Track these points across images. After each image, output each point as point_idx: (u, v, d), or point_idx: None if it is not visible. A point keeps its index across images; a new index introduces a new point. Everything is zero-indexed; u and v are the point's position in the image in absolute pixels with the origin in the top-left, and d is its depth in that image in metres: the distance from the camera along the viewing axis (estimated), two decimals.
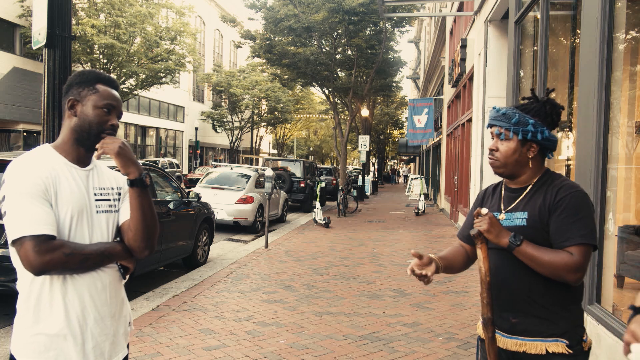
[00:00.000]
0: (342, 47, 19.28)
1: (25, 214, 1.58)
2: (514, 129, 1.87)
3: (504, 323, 1.91)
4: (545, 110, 1.89)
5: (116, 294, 1.81)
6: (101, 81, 1.80)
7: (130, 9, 21.67)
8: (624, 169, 3.84)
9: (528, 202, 1.90)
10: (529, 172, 1.93)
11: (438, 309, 5.42)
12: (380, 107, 38.98)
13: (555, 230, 1.81)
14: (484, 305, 1.84)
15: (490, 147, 1.96)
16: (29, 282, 1.66)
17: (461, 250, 2.14)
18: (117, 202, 1.84)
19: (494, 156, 1.94)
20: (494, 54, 8.63)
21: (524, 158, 1.90)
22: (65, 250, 1.61)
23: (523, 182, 1.95)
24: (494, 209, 1.99)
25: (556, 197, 1.83)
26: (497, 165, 1.94)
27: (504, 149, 1.91)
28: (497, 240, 1.82)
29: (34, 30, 3.46)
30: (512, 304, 1.89)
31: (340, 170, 19.05)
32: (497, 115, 1.93)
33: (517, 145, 1.89)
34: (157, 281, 6.58)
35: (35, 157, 1.70)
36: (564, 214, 1.80)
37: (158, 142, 35.41)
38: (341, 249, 9.15)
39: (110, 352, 1.78)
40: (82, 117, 1.75)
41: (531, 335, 1.86)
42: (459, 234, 2.21)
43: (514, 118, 1.88)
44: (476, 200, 2.20)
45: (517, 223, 1.88)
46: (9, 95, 19.60)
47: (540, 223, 1.84)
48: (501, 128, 1.91)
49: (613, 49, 3.58)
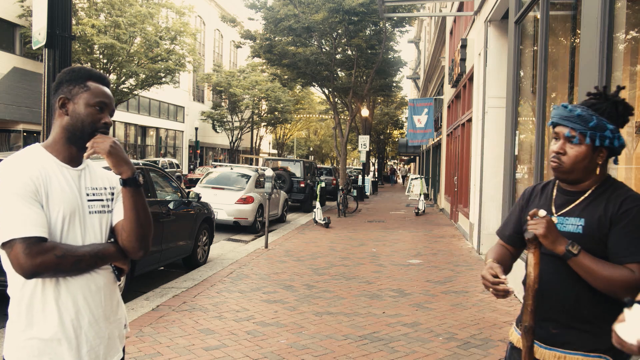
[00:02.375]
0: (342, 47, 19.28)
1: (15, 215, 1.53)
2: (590, 133, 1.70)
3: (542, 332, 1.80)
4: (618, 111, 1.73)
5: (111, 296, 1.77)
6: (92, 78, 1.75)
7: (130, 9, 21.67)
8: (624, 169, 3.84)
9: (585, 209, 1.76)
10: (594, 178, 1.78)
11: (438, 309, 5.42)
12: (380, 107, 38.99)
13: (616, 243, 1.68)
14: (527, 313, 1.72)
15: (555, 150, 1.78)
16: (20, 286, 1.62)
17: (505, 252, 1.99)
18: (110, 203, 1.80)
19: (560, 160, 1.77)
20: (494, 54, 8.63)
21: (594, 164, 1.75)
22: (57, 252, 1.57)
23: (583, 187, 1.80)
24: (543, 210, 1.83)
25: (620, 209, 1.69)
26: (562, 169, 1.78)
27: (574, 154, 1.74)
28: (553, 247, 1.70)
29: (34, 30, 3.47)
30: (555, 313, 1.78)
31: (340, 170, 19.05)
32: (570, 115, 1.74)
33: (589, 151, 1.73)
34: (157, 281, 6.58)
35: (25, 157, 1.66)
36: (627, 228, 1.67)
37: (158, 142, 35.42)
38: (341, 249, 9.15)
39: (105, 355, 1.74)
40: (74, 116, 1.70)
41: (572, 348, 1.75)
42: (499, 232, 2.05)
43: (592, 122, 1.70)
44: (522, 197, 2.01)
45: (571, 229, 1.76)
46: (9, 95, 19.61)
47: (599, 233, 1.71)
48: (574, 130, 1.73)
49: (613, 49, 3.58)
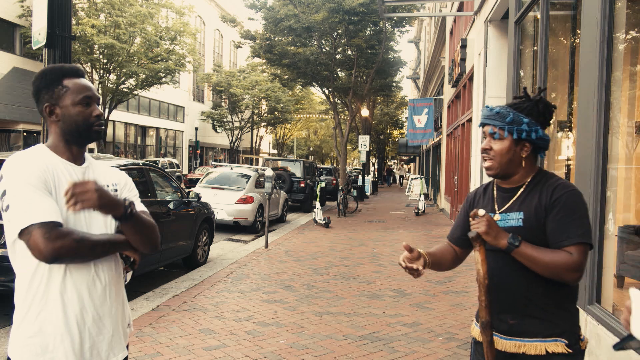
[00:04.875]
0: (342, 47, 19.27)
1: (30, 204, 1.56)
2: (508, 128, 1.85)
3: (502, 325, 1.89)
4: (538, 109, 1.88)
5: (116, 293, 1.79)
6: (66, 75, 1.74)
7: (130, 9, 21.67)
8: (624, 169, 3.84)
9: (523, 202, 1.88)
10: (522, 172, 1.91)
11: (438, 309, 5.42)
12: (380, 107, 38.98)
13: (553, 230, 1.80)
14: (482, 309, 1.82)
15: (483, 147, 1.94)
16: (28, 281, 1.64)
17: (450, 250, 2.12)
18: None
19: (488, 155, 1.92)
20: (494, 54, 8.63)
21: (518, 157, 1.88)
22: (74, 236, 1.59)
23: (516, 182, 1.93)
24: (487, 210, 1.96)
25: (552, 197, 1.82)
26: (490, 165, 1.92)
27: (498, 148, 1.88)
28: (496, 242, 1.80)
29: (34, 30, 3.47)
30: (510, 305, 1.88)
31: (340, 170, 19.04)
32: (491, 114, 1.90)
33: (511, 145, 1.87)
34: (157, 281, 6.58)
35: (33, 153, 1.70)
36: (561, 214, 1.79)
37: (158, 142, 35.42)
38: (341, 249, 9.15)
39: (108, 352, 1.75)
40: (65, 120, 1.71)
41: (530, 336, 1.84)
42: (449, 236, 2.18)
43: (509, 117, 1.86)
44: (466, 201, 2.16)
45: (513, 224, 1.87)
46: (9, 95, 19.61)
47: (537, 223, 1.82)
48: (495, 127, 1.88)
49: (613, 49, 3.58)
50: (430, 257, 1.96)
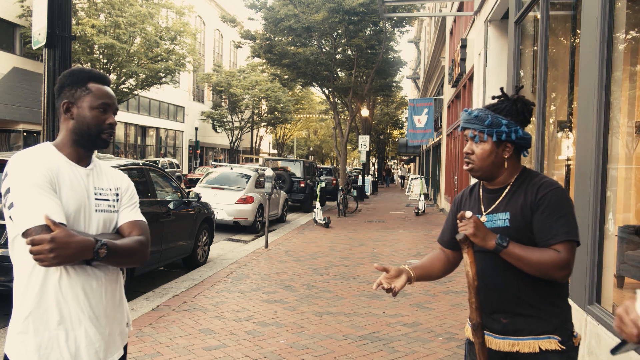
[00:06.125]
0: (342, 47, 19.28)
1: (35, 204, 1.57)
2: (487, 130, 1.86)
3: (495, 324, 1.90)
4: (517, 108, 1.89)
5: (112, 293, 1.79)
6: (93, 79, 1.77)
7: (130, 9, 21.66)
8: (624, 169, 3.84)
9: (509, 202, 1.89)
10: (506, 173, 1.92)
11: (438, 309, 5.42)
12: (380, 107, 38.98)
13: (540, 228, 1.80)
14: (473, 310, 1.83)
15: (465, 151, 1.95)
16: (26, 278, 1.64)
17: (441, 256, 2.12)
18: (115, 203, 1.83)
19: (470, 159, 1.92)
20: (494, 54, 8.63)
21: (500, 159, 1.89)
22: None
23: (501, 183, 1.94)
24: (474, 212, 1.96)
25: (537, 195, 1.82)
26: (473, 168, 1.93)
27: (479, 152, 1.89)
28: (484, 243, 1.80)
29: (34, 30, 3.46)
30: (501, 305, 1.89)
31: (340, 170, 19.04)
32: (470, 118, 1.91)
33: (493, 147, 1.88)
34: (157, 281, 6.58)
35: (38, 152, 1.70)
36: (546, 212, 1.80)
37: (158, 142, 35.42)
38: (341, 249, 9.15)
39: (105, 352, 1.75)
40: (79, 120, 1.73)
41: (523, 334, 1.86)
42: (439, 239, 2.18)
43: (487, 120, 1.87)
44: (453, 203, 2.16)
45: (500, 224, 1.88)
46: (9, 95, 19.61)
47: (523, 222, 1.83)
48: (475, 131, 1.90)
49: (613, 49, 3.58)
50: (415, 271, 1.97)
